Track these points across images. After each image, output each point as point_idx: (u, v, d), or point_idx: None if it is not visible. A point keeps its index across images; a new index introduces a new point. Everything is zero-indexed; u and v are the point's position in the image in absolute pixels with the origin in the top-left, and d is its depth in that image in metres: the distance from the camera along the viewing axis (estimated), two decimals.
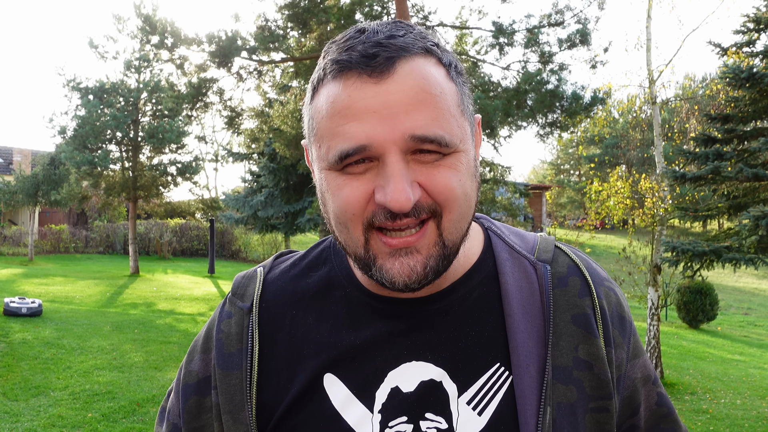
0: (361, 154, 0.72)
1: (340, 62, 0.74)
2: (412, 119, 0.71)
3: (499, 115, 10.25)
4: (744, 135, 8.31)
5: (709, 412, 7.76)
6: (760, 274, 24.01)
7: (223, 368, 0.87)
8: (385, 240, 0.74)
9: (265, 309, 0.90)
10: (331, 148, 0.74)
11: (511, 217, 13.56)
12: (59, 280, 16.77)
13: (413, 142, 0.71)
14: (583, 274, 0.88)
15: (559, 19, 11.25)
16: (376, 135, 0.71)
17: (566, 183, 45.05)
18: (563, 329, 0.83)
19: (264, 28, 11.07)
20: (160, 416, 0.99)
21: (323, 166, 0.77)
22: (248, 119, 14.08)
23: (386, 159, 0.72)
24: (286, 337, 0.87)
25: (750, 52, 8.57)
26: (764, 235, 6.95)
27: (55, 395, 6.66)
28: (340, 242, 0.80)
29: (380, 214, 0.73)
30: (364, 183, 0.74)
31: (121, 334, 10.03)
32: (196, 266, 23.72)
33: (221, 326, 0.90)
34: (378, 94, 0.72)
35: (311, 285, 0.91)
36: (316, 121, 0.77)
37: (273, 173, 19.82)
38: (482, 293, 0.86)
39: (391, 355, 0.82)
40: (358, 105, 0.72)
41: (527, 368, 0.80)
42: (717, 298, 14.97)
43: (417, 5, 12.05)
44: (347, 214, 0.75)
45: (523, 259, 0.89)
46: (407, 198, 0.70)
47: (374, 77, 0.72)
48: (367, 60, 0.72)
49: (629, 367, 0.89)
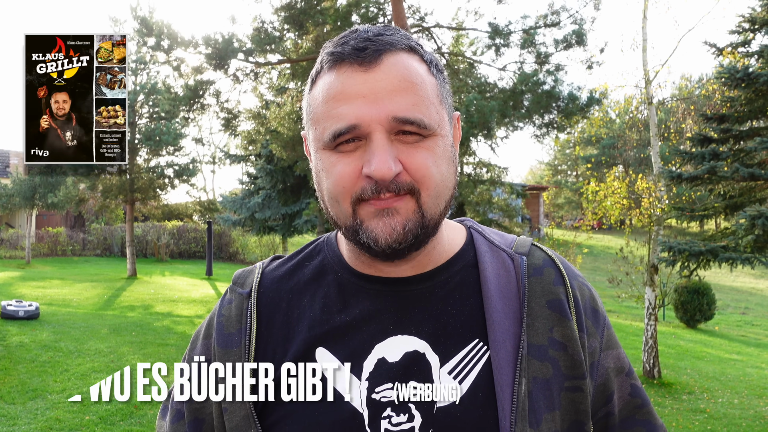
0: (351, 133, 0.83)
1: (335, 54, 0.86)
2: (395, 103, 0.82)
3: (495, 116, 10.26)
4: (740, 135, 8.33)
5: (707, 412, 7.77)
6: (758, 273, 24.05)
7: (223, 346, 0.93)
8: (372, 202, 0.84)
9: (263, 294, 0.97)
10: (326, 129, 0.85)
11: (508, 218, 13.57)
12: (56, 283, 16.74)
13: (396, 122, 0.82)
14: (557, 266, 0.97)
15: (555, 19, 11.27)
16: (364, 116, 0.82)
17: (563, 183, 45.10)
18: (539, 312, 0.91)
19: (260, 30, 11.07)
20: (162, 412, 1.03)
21: (319, 147, 0.87)
22: (245, 121, 14.10)
23: (372, 136, 0.82)
24: (282, 318, 0.94)
25: (745, 52, 8.60)
26: (760, 235, 6.97)
27: (52, 398, 6.65)
28: (331, 217, 0.90)
29: (368, 188, 0.83)
30: (354, 160, 0.84)
31: (119, 336, 10.02)
32: (194, 268, 23.69)
33: (222, 311, 0.98)
34: (366, 81, 0.83)
35: (306, 273, 0.99)
36: (312, 108, 0.88)
37: (270, 175, 19.84)
38: (463, 278, 0.95)
39: (378, 329, 0.90)
40: (349, 90, 0.83)
41: (503, 343, 0.88)
42: (714, 298, 14.99)
43: (413, 6, 12.06)
44: (338, 187, 0.85)
45: (501, 251, 0.98)
46: (389, 168, 0.81)
47: (363, 66, 0.84)
48: (358, 52, 0.84)
49: (603, 357, 0.95)
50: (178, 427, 0.97)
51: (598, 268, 23.27)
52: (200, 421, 0.95)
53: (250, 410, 0.89)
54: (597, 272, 22.19)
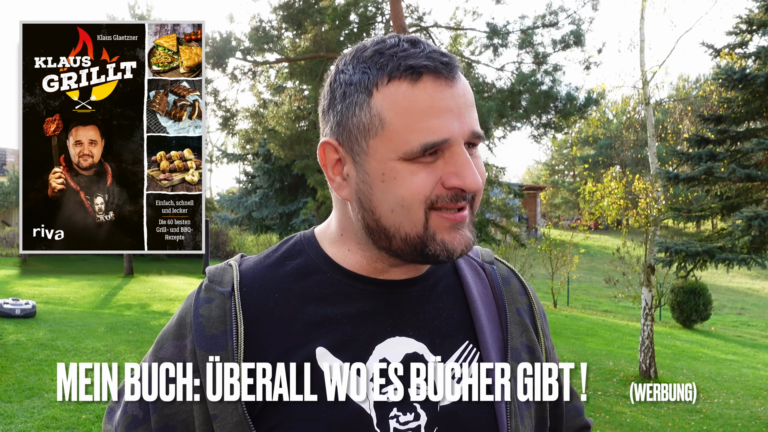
0: (441, 146, 0.85)
1: (417, 65, 0.85)
2: (471, 118, 0.88)
3: (493, 116, 10.27)
4: (737, 136, 8.35)
5: (703, 412, 7.79)
6: (754, 274, 24.11)
7: (206, 349, 0.88)
8: (447, 216, 0.87)
9: (246, 293, 0.93)
10: (411, 141, 0.85)
11: (506, 217, 13.59)
12: (53, 282, 16.72)
13: (472, 137, 0.87)
14: (519, 278, 1.08)
15: (553, 20, 11.28)
16: (454, 131, 0.85)
17: (561, 183, 45.16)
18: (512, 318, 1.00)
19: (258, 28, 11.07)
20: (108, 416, 0.98)
21: (391, 157, 0.86)
22: (243, 120, 14.06)
23: (457, 149, 0.85)
24: (270, 319, 0.91)
25: (743, 53, 8.62)
26: (757, 236, 6.99)
27: (48, 397, 6.64)
28: (381, 224, 0.88)
29: (444, 197, 0.86)
30: (434, 170, 0.86)
31: (116, 335, 10.01)
32: (191, 267, 23.67)
33: (200, 311, 0.92)
34: (453, 96, 0.86)
35: (289, 272, 0.96)
36: (385, 118, 0.86)
37: (268, 174, 19.83)
38: (448, 283, 0.99)
39: (376, 330, 0.91)
40: (439, 104, 0.85)
41: (492, 345, 0.95)
42: (710, 299, 15.04)
43: (411, 6, 12.07)
44: (418, 196, 0.86)
45: (472, 260, 1.05)
46: (478, 181, 0.86)
47: (448, 81, 0.86)
48: (443, 66, 0.86)
49: (552, 355, 1.06)
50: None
51: (594, 268, 23.30)
52: (171, 428, 0.90)
53: (244, 415, 0.86)
54: (594, 272, 22.23)
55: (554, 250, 16.95)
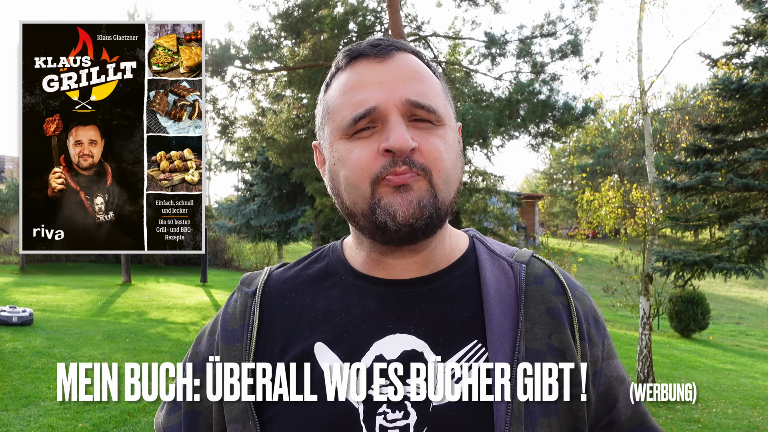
0: (370, 116, 0.88)
1: (351, 51, 0.94)
2: (407, 88, 0.89)
3: (491, 125, 10.29)
4: (734, 145, 8.38)
5: (701, 422, 7.78)
6: (752, 283, 24.12)
7: (226, 341, 0.97)
8: (389, 178, 0.87)
9: (267, 293, 1.01)
10: (345, 116, 0.90)
11: (503, 226, 13.59)
12: (50, 289, 16.67)
13: (409, 106, 0.88)
14: (558, 277, 0.99)
15: (551, 29, 11.33)
16: (381, 98, 0.88)
17: (559, 192, 45.17)
18: (538, 318, 0.93)
19: (257, 37, 11.10)
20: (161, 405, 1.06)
21: (336, 138, 0.92)
22: (241, 128, 14.07)
23: (388, 117, 0.88)
24: (284, 315, 0.97)
25: (740, 64, 8.65)
26: (754, 245, 7.00)
27: (45, 405, 6.62)
28: (348, 207, 0.92)
29: (386, 165, 0.87)
30: (370, 143, 0.89)
31: (113, 343, 9.98)
32: (189, 275, 23.63)
33: (228, 309, 1.02)
34: (381, 70, 0.91)
35: (310, 275, 1.02)
36: (329, 104, 0.95)
37: (266, 182, 19.83)
38: (464, 282, 0.97)
39: (377, 327, 0.92)
40: (366, 79, 0.90)
41: (501, 345, 0.89)
42: (708, 308, 15.02)
43: (410, 15, 12.12)
44: (357, 170, 0.89)
45: (501, 259, 1.01)
46: (406, 139, 0.85)
47: (378, 58, 0.92)
48: (372, 48, 0.92)
49: (605, 366, 0.97)
50: (173, 417, 1.01)
51: (592, 277, 23.29)
52: (197, 413, 0.98)
53: (249, 403, 0.92)
54: (592, 281, 22.21)
55: (552, 258, 16.96)
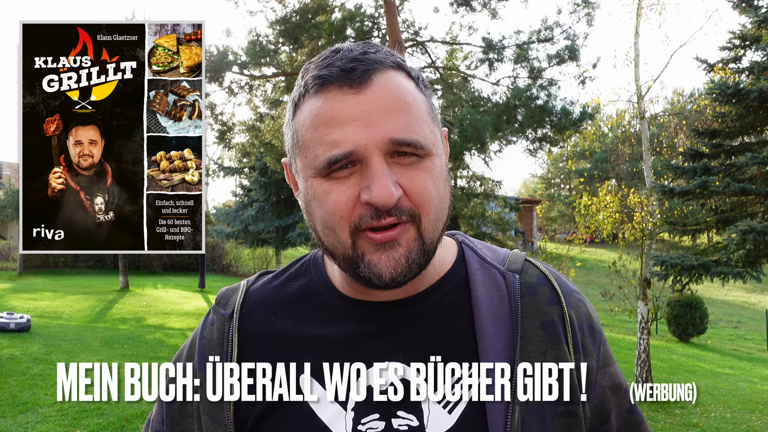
0: (347, 159, 0.78)
1: (321, 77, 0.81)
2: (390, 125, 0.78)
3: (489, 130, 10.31)
4: (731, 150, 8.41)
5: (700, 426, 7.77)
6: (750, 287, 24.14)
7: (204, 372, 0.90)
8: (371, 236, 0.79)
9: (245, 316, 0.94)
10: (319, 156, 0.80)
11: (501, 231, 13.60)
12: (48, 295, 16.64)
13: (392, 145, 0.78)
14: (552, 284, 0.93)
15: (548, 35, 11.37)
16: (360, 140, 0.77)
17: (556, 197, 45.21)
18: (532, 334, 0.87)
19: (255, 43, 11.12)
20: (145, 429, 1.01)
21: (309, 175, 0.82)
22: (239, 133, 14.08)
23: (369, 161, 0.78)
24: (265, 341, 0.91)
25: (736, 68, 8.70)
26: (752, 249, 7.01)
27: (43, 411, 6.60)
28: (326, 247, 0.85)
29: (366, 215, 0.79)
30: (349, 187, 0.79)
31: (111, 349, 9.96)
32: (187, 281, 23.60)
33: (204, 333, 0.95)
34: (358, 103, 0.79)
35: (290, 293, 0.95)
36: (300, 134, 0.83)
37: (264, 187, 19.84)
38: (454, 299, 0.90)
39: (365, 356, 0.87)
40: (341, 115, 0.79)
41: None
42: (706, 312, 15.03)
43: (408, 21, 12.15)
44: (335, 217, 0.80)
45: (493, 269, 0.94)
46: (391, 193, 0.77)
47: (354, 88, 0.79)
48: (346, 74, 0.80)
49: (599, 376, 0.93)
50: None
51: (590, 281, 23.30)
52: None
53: None
54: (590, 286, 22.21)
55: (550, 263, 16.96)
